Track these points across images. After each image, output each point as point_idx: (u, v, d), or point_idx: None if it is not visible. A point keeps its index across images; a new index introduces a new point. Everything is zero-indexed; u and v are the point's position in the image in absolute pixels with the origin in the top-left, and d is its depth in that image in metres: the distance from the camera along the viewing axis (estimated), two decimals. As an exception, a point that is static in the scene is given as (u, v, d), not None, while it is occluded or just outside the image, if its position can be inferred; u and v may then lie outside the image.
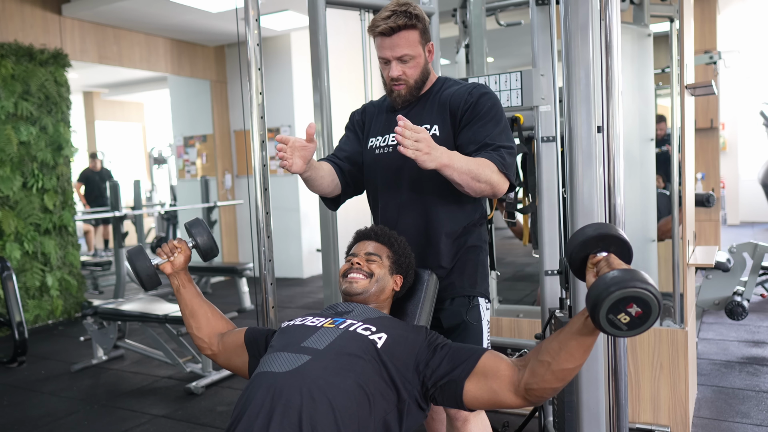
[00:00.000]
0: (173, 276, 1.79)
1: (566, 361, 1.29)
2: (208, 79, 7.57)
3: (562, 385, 1.33)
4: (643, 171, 3.24)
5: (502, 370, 1.41)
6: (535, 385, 1.34)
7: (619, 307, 1.16)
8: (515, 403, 1.39)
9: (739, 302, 3.95)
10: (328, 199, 2.00)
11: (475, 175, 1.66)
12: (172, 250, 1.78)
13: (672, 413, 2.71)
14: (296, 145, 1.65)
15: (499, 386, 1.39)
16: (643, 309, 1.16)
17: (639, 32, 3.25)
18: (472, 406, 1.43)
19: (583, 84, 1.76)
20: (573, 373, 1.31)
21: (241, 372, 1.74)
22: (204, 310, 1.79)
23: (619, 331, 1.18)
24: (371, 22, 1.82)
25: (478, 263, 1.89)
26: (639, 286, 1.16)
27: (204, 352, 1.79)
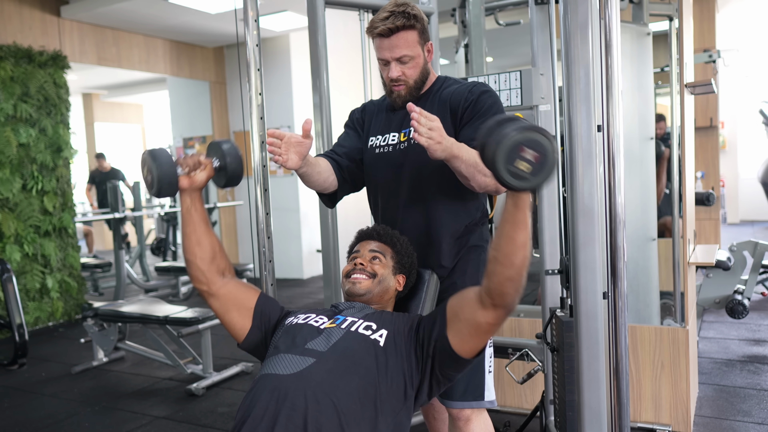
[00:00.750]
0: (187, 194, 1.62)
1: (507, 245, 1.31)
2: (207, 80, 7.57)
3: (514, 272, 1.33)
4: (643, 170, 3.24)
5: (465, 297, 1.45)
6: (491, 283, 1.36)
7: (512, 155, 1.18)
8: (489, 317, 1.39)
9: (739, 301, 3.94)
10: (324, 196, 1.97)
11: (481, 168, 1.61)
12: (195, 166, 1.61)
13: (673, 412, 2.70)
14: (292, 140, 1.63)
15: (469, 312, 1.42)
16: (538, 150, 1.17)
17: (638, 31, 3.25)
18: (463, 350, 1.44)
19: (583, 83, 1.76)
20: (519, 256, 1.31)
21: (234, 332, 1.64)
22: (212, 242, 1.65)
23: (525, 181, 1.20)
24: (369, 22, 1.81)
25: (479, 263, 1.88)
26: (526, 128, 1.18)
27: (198, 286, 1.65)
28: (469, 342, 1.43)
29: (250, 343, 1.64)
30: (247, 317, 1.63)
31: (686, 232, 2.84)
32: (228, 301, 1.64)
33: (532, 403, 2.91)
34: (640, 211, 3.24)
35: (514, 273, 1.33)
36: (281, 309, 1.69)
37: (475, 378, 1.79)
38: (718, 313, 4.66)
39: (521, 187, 1.21)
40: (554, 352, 2.14)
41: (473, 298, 1.42)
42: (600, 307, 1.78)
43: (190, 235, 1.64)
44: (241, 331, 1.63)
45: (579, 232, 1.79)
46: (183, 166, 1.59)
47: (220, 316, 1.65)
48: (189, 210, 1.63)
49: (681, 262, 2.93)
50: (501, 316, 1.40)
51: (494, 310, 1.38)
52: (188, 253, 1.64)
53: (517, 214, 1.29)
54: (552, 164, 1.18)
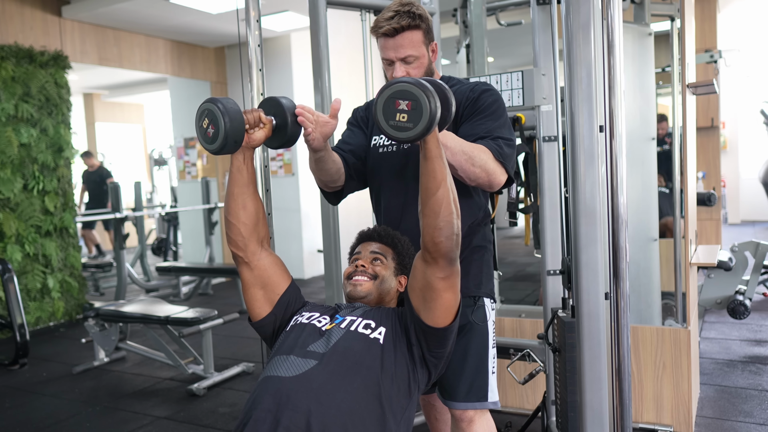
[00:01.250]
0: (242, 151, 1.56)
1: (425, 196, 1.38)
2: (208, 80, 7.57)
3: (441, 221, 1.38)
4: (645, 170, 3.24)
5: (413, 269, 1.51)
6: (425, 237, 1.42)
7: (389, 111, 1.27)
8: (436, 271, 1.44)
9: (741, 301, 3.94)
10: (330, 193, 1.95)
11: (469, 157, 1.62)
12: (255, 122, 1.55)
13: (675, 413, 2.70)
14: (319, 119, 1.61)
15: (420, 277, 1.48)
16: (409, 98, 1.25)
17: (640, 31, 3.24)
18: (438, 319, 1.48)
19: (585, 83, 1.75)
20: (438, 203, 1.37)
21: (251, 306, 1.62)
22: (257, 207, 1.61)
23: (408, 131, 1.28)
24: (374, 22, 1.81)
25: (482, 263, 1.88)
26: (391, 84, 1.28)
27: (235, 251, 1.60)
28: (435, 309, 1.47)
29: (260, 326, 1.65)
30: (270, 303, 1.63)
31: (688, 232, 2.84)
32: (259, 277, 1.63)
33: (534, 404, 2.91)
34: (641, 211, 3.24)
35: (440, 221, 1.38)
36: (303, 303, 1.70)
37: (478, 379, 1.79)
38: (720, 313, 4.65)
39: (407, 138, 1.29)
40: (556, 352, 2.14)
41: (418, 263, 1.48)
42: (602, 307, 1.77)
43: (237, 197, 1.58)
44: (258, 311, 1.63)
45: (581, 233, 1.79)
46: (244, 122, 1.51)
47: (246, 287, 1.64)
48: (240, 169, 1.57)
49: (683, 262, 2.93)
50: (445, 268, 1.43)
51: (436, 263, 1.43)
52: (231, 215, 1.59)
53: (426, 164, 1.36)
54: (425, 108, 1.25)
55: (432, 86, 1.32)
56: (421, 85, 1.26)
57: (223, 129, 1.42)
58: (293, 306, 1.67)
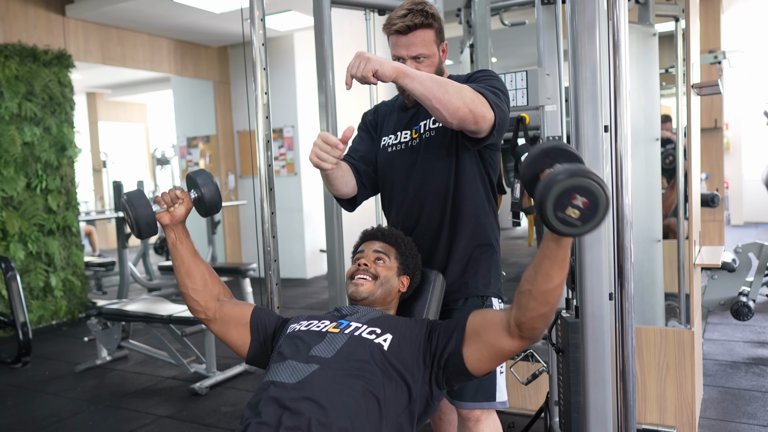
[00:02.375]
0: (170, 228, 1.66)
1: (544, 282, 1.28)
2: (211, 79, 7.57)
3: (548, 310, 1.31)
4: (648, 170, 3.23)
5: (489, 320, 1.42)
6: (524, 317, 1.33)
7: (563, 201, 1.14)
8: (514, 346, 1.38)
9: (744, 302, 3.93)
10: (344, 201, 1.96)
11: (443, 88, 1.52)
12: (173, 200, 1.64)
13: (678, 414, 2.69)
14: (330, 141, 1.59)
15: (493, 336, 1.40)
16: (589, 198, 1.13)
17: (644, 32, 3.24)
18: (478, 370, 1.43)
19: (590, 83, 1.75)
20: (555, 295, 1.30)
21: (236, 349, 1.66)
22: (201, 271, 1.69)
23: (574, 228, 1.15)
24: (386, 20, 1.80)
25: (491, 263, 1.88)
26: (578, 175, 1.13)
27: (197, 315, 1.69)
28: (485, 363, 1.43)
29: (254, 357, 1.66)
30: (246, 333, 1.65)
31: (692, 233, 2.83)
32: (225, 323, 1.67)
33: (537, 404, 2.90)
34: (645, 211, 3.23)
35: (548, 310, 1.32)
36: (278, 318, 1.70)
37: (486, 379, 1.79)
38: (723, 314, 4.64)
39: (570, 233, 1.17)
40: (559, 353, 2.13)
41: (499, 324, 1.40)
42: (606, 308, 1.77)
43: (179, 268, 1.68)
44: (242, 347, 1.66)
45: (585, 233, 1.78)
46: (160, 203, 1.64)
47: (221, 337, 1.69)
48: (174, 244, 1.67)
49: (686, 263, 2.92)
50: (526, 345, 1.40)
51: (521, 340, 1.38)
52: (181, 286, 1.69)
53: (558, 252, 1.26)
54: (604, 212, 1.14)
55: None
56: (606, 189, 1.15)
57: (133, 217, 1.58)
58: (266, 321, 1.67)
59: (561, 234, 1.18)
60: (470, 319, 1.46)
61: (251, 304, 1.73)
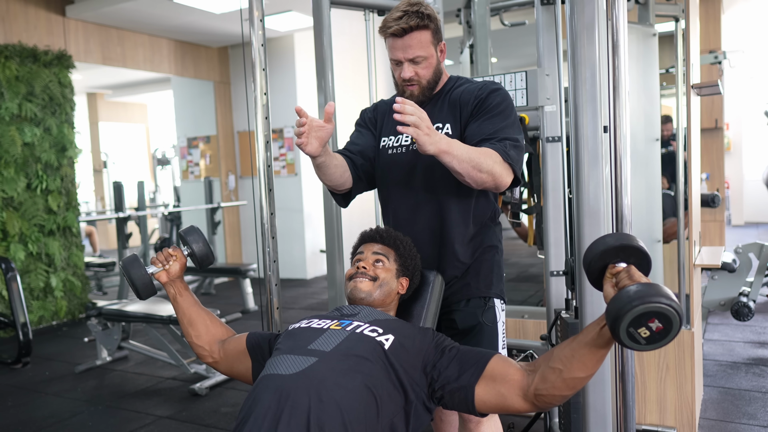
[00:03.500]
0: (169, 285, 1.76)
1: (578, 369, 1.29)
2: (211, 80, 7.57)
3: (571, 393, 1.32)
4: (649, 171, 3.23)
5: (510, 374, 1.40)
6: (545, 391, 1.33)
7: (641, 321, 1.15)
8: (523, 408, 1.38)
9: (745, 303, 3.92)
10: (338, 195, 1.95)
11: (476, 164, 1.60)
12: (167, 258, 1.76)
13: (678, 414, 2.69)
14: (313, 124, 1.60)
15: (508, 391, 1.39)
16: (665, 324, 1.16)
17: (644, 32, 3.23)
18: (481, 411, 1.43)
19: (589, 84, 1.75)
20: (584, 382, 1.31)
21: (244, 378, 1.72)
22: (202, 318, 1.77)
23: (637, 344, 1.18)
24: (382, 22, 1.79)
25: (493, 264, 1.87)
26: (663, 302, 1.14)
27: (205, 360, 1.76)
28: (490, 408, 1.43)
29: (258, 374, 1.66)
30: (247, 359, 1.70)
31: (692, 233, 2.83)
32: (229, 359, 1.74)
33: (536, 405, 2.90)
34: (645, 212, 3.23)
35: (571, 393, 1.33)
36: (271, 334, 1.73)
37: None
38: (723, 315, 4.64)
39: (631, 348, 1.20)
40: (559, 353, 2.13)
41: (518, 383, 1.38)
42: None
43: (182, 319, 1.77)
44: (247, 373, 1.71)
45: (584, 234, 1.78)
46: (156, 263, 1.75)
47: (229, 374, 1.77)
48: (175, 298, 1.77)
49: (686, 263, 2.91)
50: (534, 411, 1.41)
51: (532, 406, 1.38)
52: (185, 334, 1.78)
53: (603, 350, 1.27)
54: (668, 342, 1.18)
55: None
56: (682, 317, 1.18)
57: (131, 282, 1.70)
58: (261, 342, 1.70)
59: (624, 346, 1.20)
60: (492, 362, 1.43)
61: (244, 333, 1.78)
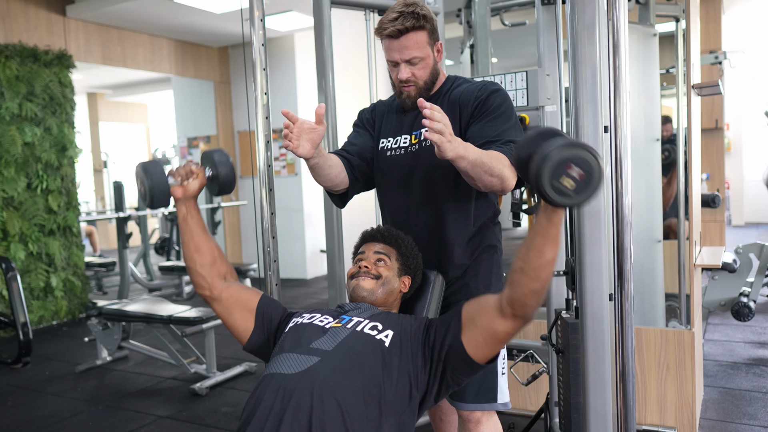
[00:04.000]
0: (182, 202, 1.65)
1: (536, 258, 1.30)
2: (211, 80, 7.57)
3: (539, 286, 1.32)
4: (649, 171, 3.23)
5: (483, 304, 1.44)
6: (515, 294, 1.34)
7: (559, 170, 1.18)
8: (508, 326, 1.39)
9: (745, 303, 3.92)
10: (335, 196, 1.94)
11: (488, 169, 1.60)
12: (188, 174, 1.64)
13: (679, 415, 2.69)
14: (304, 126, 1.60)
15: (487, 319, 1.41)
16: (585, 169, 1.18)
17: (644, 32, 3.23)
18: (479, 357, 1.44)
19: (590, 84, 1.75)
20: (547, 271, 1.31)
21: (237, 333, 1.65)
22: (210, 247, 1.67)
23: (567, 198, 1.19)
24: (378, 23, 1.79)
25: (492, 264, 1.87)
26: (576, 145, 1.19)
27: (201, 291, 1.67)
28: (483, 348, 1.43)
29: (253, 345, 1.65)
30: (250, 319, 1.64)
31: (692, 234, 2.83)
32: (230, 305, 1.65)
33: (537, 405, 2.90)
34: (645, 212, 3.23)
35: (539, 286, 1.33)
36: (284, 310, 1.69)
37: (487, 380, 1.79)
38: (724, 315, 4.64)
39: (563, 203, 1.20)
40: (559, 353, 2.13)
41: (492, 306, 1.41)
42: (606, 308, 1.77)
43: (189, 243, 1.66)
44: (244, 333, 1.64)
45: (585, 234, 1.78)
46: (175, 176, 1.63)
47: (224, 319, 1.67)
48: (185, 218, 1.66)
49: (687, 264, 2.91)
50: (519, 326, 1.40)
51: (513, 319, 1.38)
52: (188, 260, 1.67)
53: (550, 228, 1.28)
54: (597, 183, 1.18)
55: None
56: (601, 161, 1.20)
57: (148, 185, 1.58)
58: (272, 312, 1.66)
59: (555, 204, 1.21)
60: (465, 307, 1.47)
61: (258, 291, 1.71)
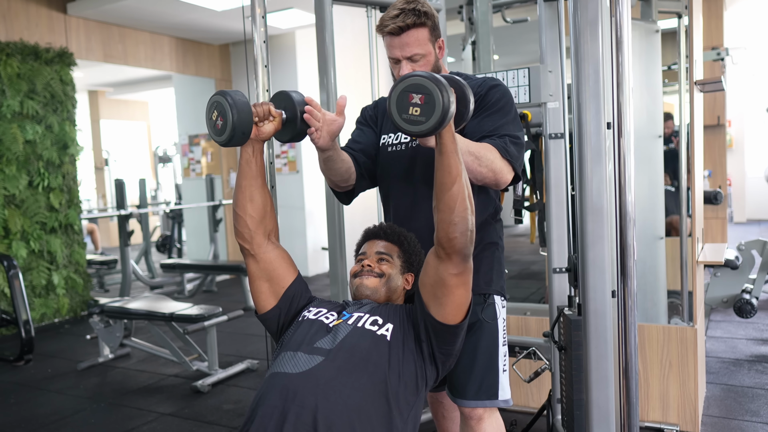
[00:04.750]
0: (251, 143, 1.58)
1: (440, 191, 1.37)
2: (212, 77, 7.57)
3: (456, 216, 1.37)
4: (651, 168, 3.23)
5: (426, 265, 1.50)
6: (440, 233, 1.40)
7: (404, 104, 1.28)
8: (450, 268, 1.43)
9: (747, 300, 3.92)
10: (341, 193, 1.94)
11: (476, 157, 1.60)
12: (265, 116, 1.56)
13: (681, 411, 2.69)
14: (326, 117, 1.60)
15: (432, 273, 1.47)
16: (422, 92, 1.26)
17: (647, 28, 3.23)
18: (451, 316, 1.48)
19: (592, 80, 1.74)
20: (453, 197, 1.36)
21: (257, 298, 1.63)
22: (264, 200, 1.61)
23: (421, 125, 1.28)
24: (379, 20, 1.79)
25: (493, 260, 1.87)
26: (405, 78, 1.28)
27: (241, 241, 1.62)
28: (447, 305, 1.46)
29: (265, 319, 1.66)
30: (275, 296, 1.63)
31: (695, 230, 2.82)
32: (265, 270, 1.63)
33: (539, 402, 2.90)
34: (647, 209, 3.22)
35: (455, 216, 1.37)
36: (309, 299, 1.69)
37: (488, 377, 1.79)
38: (726, 312, 4.63)
39: (420, 131, 1.29)
40: (562, 350, 2.13)
41: (431, 259, 1.46)
42: (609, 305, 1.76)
43: (245, 189, 1.59)
44: (263, 303, 1.64)
45: (588, 231, 1.78)
46: (253, 115, 1.52)
47: (252, 279, 1.65)
48: (249, 161, 1.59)
49: (689, 260, 2.91)
50: (459, 264, 1.42)
51: (449, 259, 1.41)
52: (238, 207, 1.60)
53: (441, 159, 1.35)
54: (438, 102, 1.25)
55: (448, 81, 1.32)
56: (434, 79, 1.26)
57: (231, 121, 1.45)
58: (298, 300, 1.66)
59: (413, 134, 1.30)
60: (418, 280, 1.53)
61: (295, 269, 1.68)
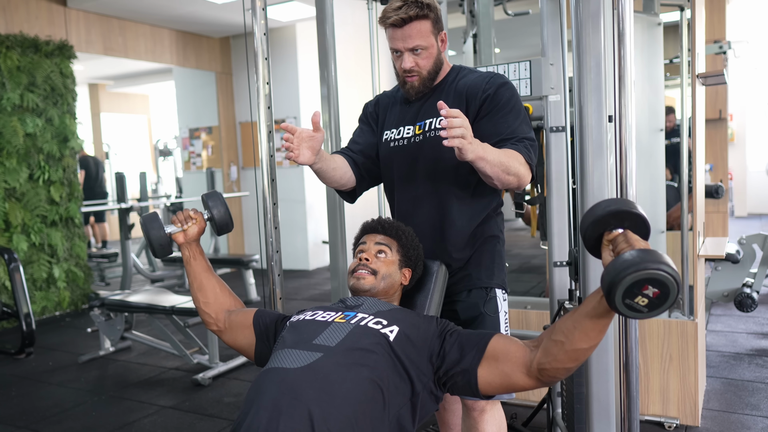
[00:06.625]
0: (185, 246, 1.76)
1: (580, 341, 1.27)
2: (213, 70, 7.55)
3: (575, 365, 1.31)
4: (653, 162, 3.22)
5: (512, 352, 1.39)
6: (548, 365, 1.32)
7: (634, 290, 1.12)
8: (528, 385, 1.37)
9: (748, 294, 3.92)
10: (344, 192, 1.98)
11: (506, 168, 1.63)
12: (186, 220, 1.76)
13: (681, 405, 2.69)
14: (303, 135, 1.63)
15: (511, 369, 1.38)
16: (661, 289, 1.12)
17: (649, 21, 3.21)
18: (486, 393, 1.42)
19: (594, 73, 1.73)
20: (587, 354, 1.29)
21: (246, 353, 1.73)
22: (212, 285, 1.77)
23: (638, 313, 1.15)
24: (382, 12, 1.79)
25: (495, 254, 1.87)
26: (652, 267, 1.11)
27: (209, 327, 1.77)
28: (494, 389, 1.42)
29: (260, 355, 1.69)
30: (250, 334, 1.70)
31: (696, 224, 2.82)
32: (233, 331, 1.74)
33: (539, 396, 2.90)
34: (649, 203, 3.22)
35: (574, 366, 1.32)
36: (278, 316, 1.72)
37: None
38: (726, 306, 4.63)
39: (633, 317, 1.18)
40: (562, 344, 2.13)
41: (521, 360, 1.38)
42: (610, 299, 1.76)
43: (192, 283, 1.77)
44: (250, 349, 1.71)
45: (589, 224, 1.77)
46: (176, 222, 1.75)
47: (232, 345, 1.76)
48: (188, 261, 1.77)
49: (690, 254, 2.90)
50: (539, 387, 1.40)
51: (537, 382, 1.37)
52: (194, 299, 1.78)
53: (604, 320, 1.25)
54: (672, 302, 1.14)
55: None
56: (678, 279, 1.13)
57: (148, 239, 1.72)
58: (268, 322, 1.70)
59: (623, 315, 1.17)
60: (493, 341, 1.43)
61: (253, 309, 1.79)
